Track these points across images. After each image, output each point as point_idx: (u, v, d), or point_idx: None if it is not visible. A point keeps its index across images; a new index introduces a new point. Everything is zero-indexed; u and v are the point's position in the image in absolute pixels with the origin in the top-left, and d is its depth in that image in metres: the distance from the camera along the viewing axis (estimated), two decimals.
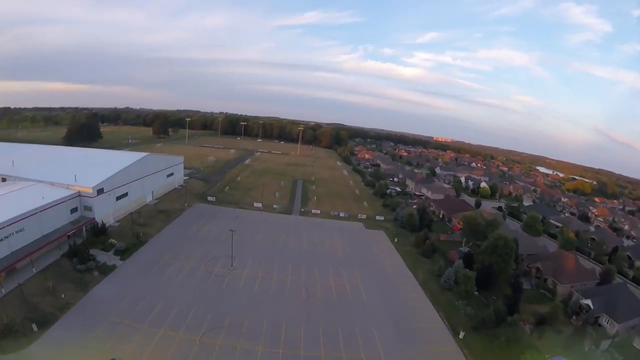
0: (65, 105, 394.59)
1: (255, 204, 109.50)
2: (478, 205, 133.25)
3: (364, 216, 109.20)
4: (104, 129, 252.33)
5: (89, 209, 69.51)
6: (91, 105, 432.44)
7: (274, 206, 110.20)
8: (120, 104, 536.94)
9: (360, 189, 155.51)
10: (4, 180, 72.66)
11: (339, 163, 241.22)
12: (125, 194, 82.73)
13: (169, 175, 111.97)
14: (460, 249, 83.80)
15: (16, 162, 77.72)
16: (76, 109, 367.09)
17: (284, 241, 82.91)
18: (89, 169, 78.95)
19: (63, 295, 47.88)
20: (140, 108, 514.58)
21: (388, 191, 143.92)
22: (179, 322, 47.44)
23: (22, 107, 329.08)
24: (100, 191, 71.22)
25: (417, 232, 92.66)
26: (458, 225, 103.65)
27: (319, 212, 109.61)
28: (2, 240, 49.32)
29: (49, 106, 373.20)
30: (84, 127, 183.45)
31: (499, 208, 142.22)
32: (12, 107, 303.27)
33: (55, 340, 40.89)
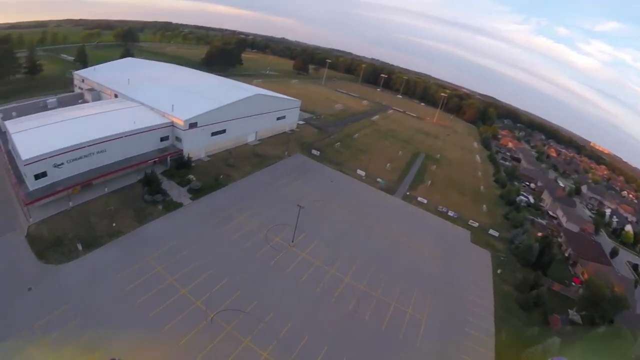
0: (225, 28, 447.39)
1: (359, 171, 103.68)
2: (614, 253, 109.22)
3: (476, 224, 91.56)
4: (250, 55, 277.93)
5: (179, 140, 75.82)
6: (250, 31, 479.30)
7: (378, 179, 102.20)
8: (278, 34, 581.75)
9: (487, 185, 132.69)
10: (115, 96, 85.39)
11: (475, 144, 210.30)
12: (223, 131, 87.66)
13: (279, 118, 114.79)
14: (570, 312, 66.71)
15: (132, 80, 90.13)
16: (233, 32, 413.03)
17: (367, 228, 75.76)
18: (194, 98, 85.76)
19: (114, 224, 53.52)
20: (296, 41, 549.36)
21: (518, 199, 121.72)
22: (205, 288, 47.84)
23: (184, 23, 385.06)
24: (192, 125, 76.42)
25: (530, 268, 76.90)
26: (580, 278, 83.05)
27: (425, 201, 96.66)
28: (81, 158, 57.58)
29: (209, 26, 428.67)
30: (224, 52, 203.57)
31: (635, 267, 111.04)
32: (173, 22, 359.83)
33: (90, 265, 46.14)
